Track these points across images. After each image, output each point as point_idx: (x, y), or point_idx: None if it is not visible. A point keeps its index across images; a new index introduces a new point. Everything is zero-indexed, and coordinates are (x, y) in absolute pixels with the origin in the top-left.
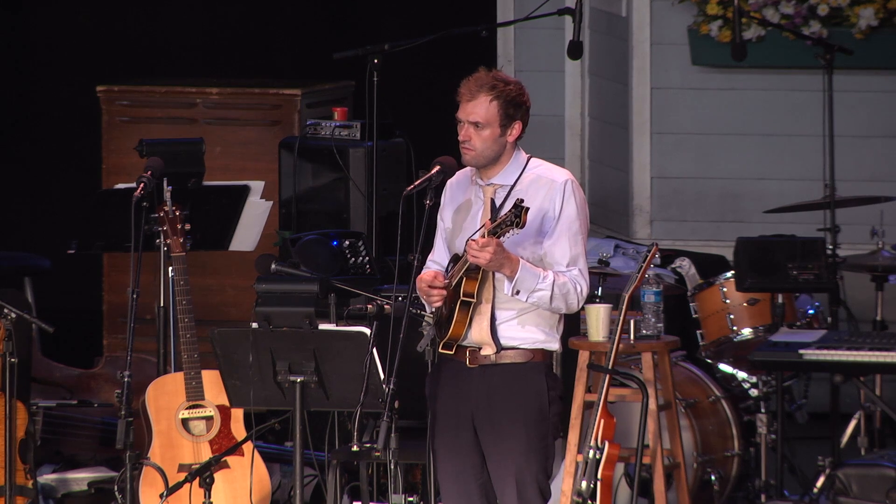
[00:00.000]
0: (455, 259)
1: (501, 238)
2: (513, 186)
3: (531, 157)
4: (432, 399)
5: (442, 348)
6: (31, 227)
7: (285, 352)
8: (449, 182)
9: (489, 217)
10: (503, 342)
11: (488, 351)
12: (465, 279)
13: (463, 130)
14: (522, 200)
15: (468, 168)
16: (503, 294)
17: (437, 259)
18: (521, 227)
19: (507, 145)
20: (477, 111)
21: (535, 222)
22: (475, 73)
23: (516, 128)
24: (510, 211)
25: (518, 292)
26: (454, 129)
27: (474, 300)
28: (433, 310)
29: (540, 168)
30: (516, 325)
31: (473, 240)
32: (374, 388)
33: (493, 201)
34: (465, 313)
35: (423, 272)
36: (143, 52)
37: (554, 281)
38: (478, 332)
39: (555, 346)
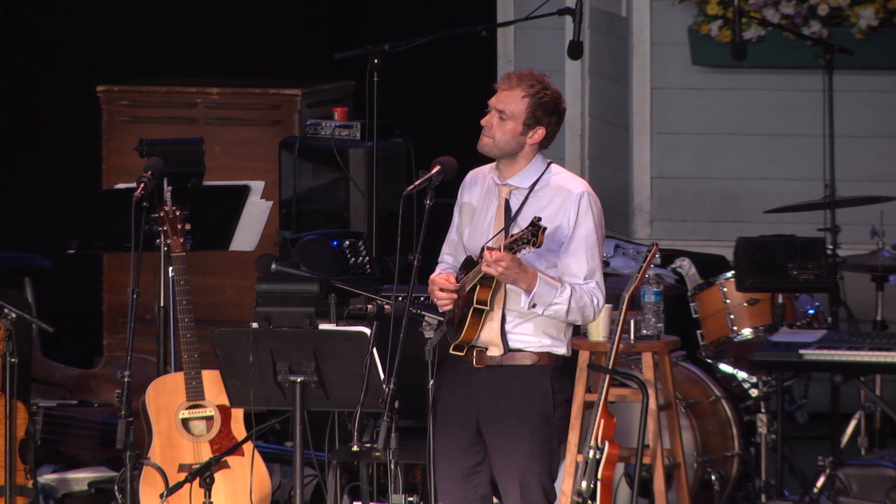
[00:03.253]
0: (469, 262)
1: (517, 254)
2: (530, 191)
3: (552, 162)
4: (439, 398)
5: (453, 349)
6: (31, 227)
7: (285, 352)
8: (465, 179)
9: (503, 219)
10: (511, 344)
11: (495, 352)
12: (479, 286)
13: (488, 116)
14: (540, 219)
15: (486, 167)
16: (513, 297)
17: (453, 252)
18: (538, 247)
19: (527, 147)
20: (507, 101)
21: (549, 232)
22: (522, 70)
23: (539, 132)
24: (527, 229)
25: (535, 305)
26: (454, 129)
27: (487, 307)
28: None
29: (558, 176)
30: (524, 327)
31: (489, 249)
32: (374, 388)
33: (507, 203)
34: (478, 319)
35: (436, 271)
36: (143, 52)
37: (571, 294)
38: (487, 333)
39: (562, 350)
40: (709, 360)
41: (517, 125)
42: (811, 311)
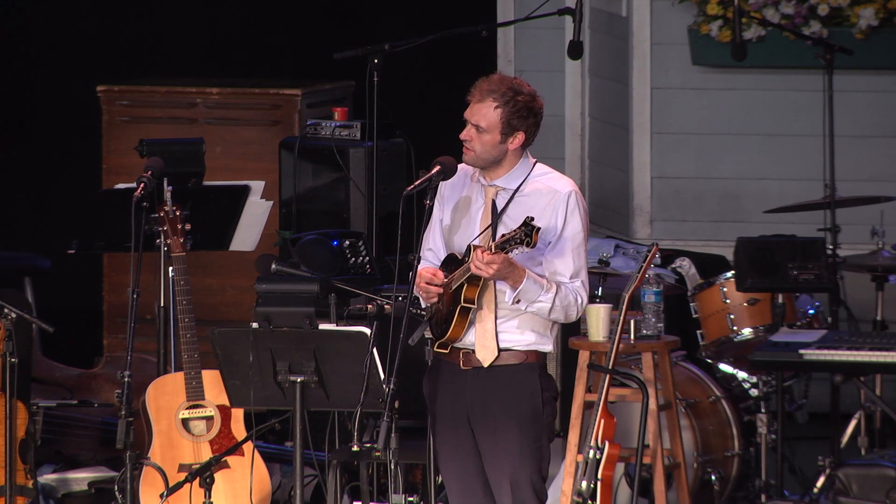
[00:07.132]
0: (452, 259)
1: (509, 254)
2: (516, 191)
3: (537, 161)
4: (431, 399)
5: (437, 347)
6: (31, 227)
7: (285, 352)
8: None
9: (489, 219)
10: (500, 345)
11: (489, 356)
12: (466, 285)
13: (466, 130)
14: (532, 219)
15: (468, 166)
16: (499, 296)
17: (435, 250)
18: (532, 247)
19: (509, 152)
20: (480, 115)
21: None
22: (491, 76)
23: (518, 138)
24: (519, 229)
25: (519, 301)
26: (454, 129)
27: (475, 306)
28: (427, 305)
29: (545, 176)
30: (509, 325)
31: (481, 248)
32: (374, 388)
33: (494, 203)
34: (465, 318)
35: (421, 267)
36: (143, 52)
37: (556, 293)
38: (480, 335)
39: (548, 347)
40: (709, 360)
41: (494, 136)
42: (811, 311)
